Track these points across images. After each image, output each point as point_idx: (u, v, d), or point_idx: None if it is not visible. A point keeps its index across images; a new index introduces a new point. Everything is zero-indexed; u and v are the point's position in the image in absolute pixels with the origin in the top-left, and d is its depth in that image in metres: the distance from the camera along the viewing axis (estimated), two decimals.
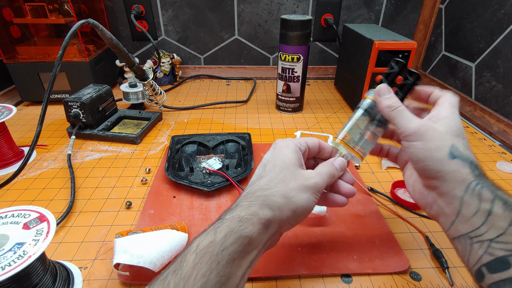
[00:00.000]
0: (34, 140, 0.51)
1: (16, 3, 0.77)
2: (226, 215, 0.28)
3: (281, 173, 0.31)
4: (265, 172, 0.31)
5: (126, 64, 0.65)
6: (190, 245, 0.26)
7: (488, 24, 0.77)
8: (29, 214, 0.34)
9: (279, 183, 0.30)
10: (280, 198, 0.29)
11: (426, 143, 0.30)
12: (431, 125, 0.31)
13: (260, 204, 0.28)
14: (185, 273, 0.24)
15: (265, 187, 0.30)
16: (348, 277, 0.38)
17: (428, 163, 0.30)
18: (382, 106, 0.35)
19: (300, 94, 0.79)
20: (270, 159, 0.32)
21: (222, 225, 0.27)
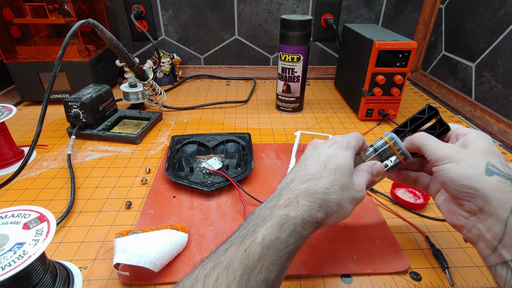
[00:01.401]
0: (34, 140, 0.51)
1: (16, 3, 0.77)
2: (290, 211, 0.28)
3: (341, 179, 0.31)
4: (325, 172, 0.32)
5: (126, 64, 0.65)
6: (255, 235, 0.27)
7: (488, 24, 0.77)
8: (29, 214, 0.34)
9: (338, 190, 0.31)
10: (336, 205, 0.31)
11: (458, 163, 0.29)
12: (462, 149, 0.31)
13: (318, 207, 0.30)
14: (252, 263, 0.25)
15: (326, 191, 0.30)
16: (348, 277, 0.38)
17: (463, 182, 0.28)
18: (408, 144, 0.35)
19: (300, 94, 0.79)
20: (330, 159, 0.33)
21: (287, 223, 0.28)
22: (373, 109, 0.75)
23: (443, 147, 0.31)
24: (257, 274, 0.25)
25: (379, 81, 0.70)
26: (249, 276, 0.24)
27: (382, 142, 0.37)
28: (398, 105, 0.75)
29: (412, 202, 0.49)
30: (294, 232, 0.27)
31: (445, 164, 0.30)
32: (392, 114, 0.74)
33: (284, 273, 0.27)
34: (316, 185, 0.30)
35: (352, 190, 0.32)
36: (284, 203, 0.29)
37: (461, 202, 0.30)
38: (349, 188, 0.32)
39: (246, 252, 0.25)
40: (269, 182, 0.54)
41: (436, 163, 0.31)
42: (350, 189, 0.32)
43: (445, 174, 0.30)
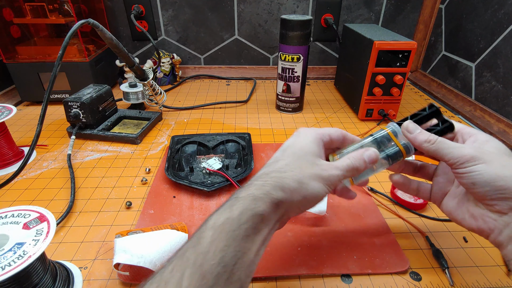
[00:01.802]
0: (34, 140, 0.51)
1: (16, 3, 0.77)
2: (240, 193, 0.28)
3: (299, 160, 0.31)
4: (283, 156, 0.32)
5: (126, 64, 0.65)
6: (206, 223, 0.27)
7: (488, 24, 0.77)
8: (29, 214, 0.34)
9: (295, 168, 0.30)
10: (294, 182, 0.29)
11: (490, 164, 0.29)
12: (482, 147, 0.30)
13: (273, 184, 0.29)
14: (204, 248, 0.24)
15: (280, 169, 0.30)
16: (348, 277, 0.38)
17: (499, 183, 0.28)
18: (418, 141, 0.33)
19: (300, 94, 0.79)
20: (290, 144, 0.33)
21: (237, 203, 0.27)
22: (373, 109, 0.75)
23: (466, 148, 0.30)
24: (212, 258, 0.24)
25: (379, 81, 0.70)
26: (202, 261, 0.24)
27: (383, 131, 0.36)
28: (398, 105, 0.75)
29: (412, 202, 0.49)
30: (246, 209, 0.27)
31: (475, 165, 0.29)
32: (392, 114, 0.74)
33: (247, 254, 0.26)
34: (273, 167, 0.31)
35: (315, 168, 0.31)
36: (238, 190, 0.29)
37: (492, 203, 0.29)
38: (310, 167, 0.31)
39: (198, 239, 0.25)
40: None
41: (463, 165, 0.30)
42: (312, 168, 0.31)
43: (477, 175, 0.29)
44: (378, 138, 0.35)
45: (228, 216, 0.26)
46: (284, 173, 0.30)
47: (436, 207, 0.49)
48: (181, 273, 0.23)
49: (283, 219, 0.31)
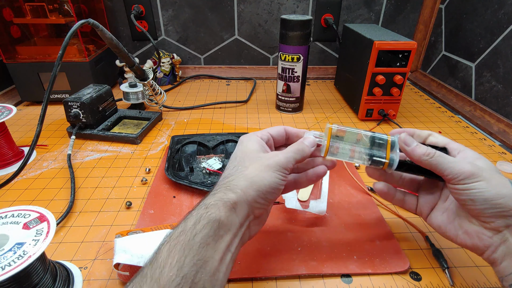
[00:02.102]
0: (34, 140, 0.51)
1: (16, 3, 0.77)
2: (194, 209, 0.29)
3: (242, 161, 0.32)
4: (229, 165, 0.33)
5: (126, 64, 0.65)
6: (163, 240, 0.27)
7: (488, 24, 0.77)
8: (29, 214, 0.34)
9: (241, 169, 0.31)
10: (243, 181, 0.30)
11: (489, 182, 0.29)
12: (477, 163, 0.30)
13: (224, 190, 0.29)
14: (160, 262, 0.24)
15: (228, 175, 0.31)
16: (348, 277, 0.38)
17: (498, 201, 0.28)
18: (417, 154, 0.32)
19: (300, 94, 0.79)
20: (234, 154, 0.34)
21: (190, 216, 0.28)
22: (373, 109, 0.75)
23: (465, 164, 0.30)
24: (169, 270, 0.24)
25: (379, 81, 0.70)
26: (159, 275, 0.24)
27: (384, 135, 0.36)
28: (398, 105, 0.75)
29: None
30: (199, 218, 0.27)
31: (475, 182, 0.29)
32: (392, 114, 0.74)
33: (208, 263, 0.25)
34: (221, 177, 0.32)
35: (260, 161, 0.31)
36: (194, 208, 0.29)
37: (489, 220, 0.30)
38: (255, 162, 0.31)
39: (155, 256, 0.25)
40: None
41: (463, 181, 0.30)
42: (257, 162, 0.31)
43: (477, 193, 0.29)
44: (376, 138, 0.35)
45: (182, 228, 0.26)
46: (232, 176, 0.31)
47: None
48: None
49: (250, 221, 0.30)
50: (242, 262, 0.39)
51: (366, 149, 0.35)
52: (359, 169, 0.59)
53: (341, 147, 0.36)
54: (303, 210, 0.46)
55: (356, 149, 0.36)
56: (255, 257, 0.40)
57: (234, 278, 0.37)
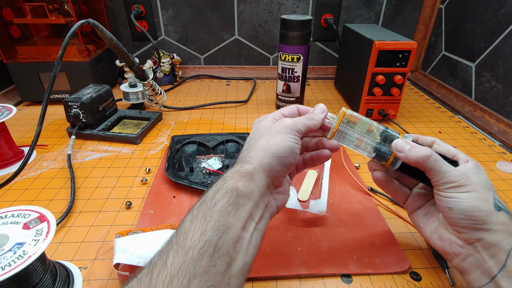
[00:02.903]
0: (34, 140, 0.51)
1: (16, 3, 0.77)
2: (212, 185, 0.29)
3: (255, 137, 0.33)
4: (244, 146, 0.33)
5: (126, 64, 0.65)
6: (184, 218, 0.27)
7: (488, 24, 0.77)
8: (29, 214, 0.34)
9: (253, 143, 0.32)
10: (256, 151, 0.31)
11: (472, 194, 0.30)
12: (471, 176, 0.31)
13: (240, 163, 0.30)
14: (184, 230, 0.25)
15: (242, 153, 0.32)
16: (348, 277, 0.38)
17: (475, 214, 0.29)
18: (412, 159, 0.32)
19: (300, 94, 0.79)
20: (248, 137, 0.35)
21: (210, 189, 0.28)
22: (373, 109, 0.75)
23: (454, 175, 0.31)
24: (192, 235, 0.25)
25: (379, 81, 0.70)
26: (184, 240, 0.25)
27: (396, 133, 0.36)
28: (398, 105, 0.75)
29: None
30: (217, 190, 0.28)
31: (458, 193, 0.30)
32: (392, 114, 0.74)
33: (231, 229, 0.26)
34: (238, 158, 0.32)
35: (271, 131, 0.32)
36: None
37: (462, 231, 0.30)
38: (267, 133, 0.32)
39: (179, 228, 0.26)
40: None
41: (446, 190, 0.31)
42: (269, 133, 0.32)
43: (457, 202, 0.30)
44: (387, 133, 0.36)
45: (203, 200, 0.28)
46: (246, 151, 0.32)
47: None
48: (166, 255, 0.24)
49: (271, 191, 0.31)
50: None
51: (374, 141, 0.36)
52: (359, 169, 0.59)
53: (350, 133, 0.36)
54: (303, 210, 0.46)
55: (364, 139, 0.36)
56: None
57: None
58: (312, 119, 0.34)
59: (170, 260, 0.23)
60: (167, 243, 0.25)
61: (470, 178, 0.31)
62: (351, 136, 0.36)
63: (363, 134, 0.36)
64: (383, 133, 0.36)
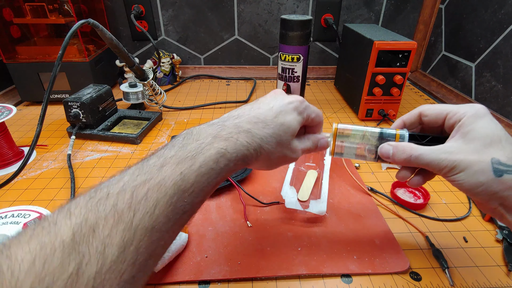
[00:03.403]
0: (34, 140, 0.51)
1: (16, 3, 0.77)
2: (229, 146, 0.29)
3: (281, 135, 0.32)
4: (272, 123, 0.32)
5: (126, 64, 0.65)
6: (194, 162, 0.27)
7: (488, 24, 0.77)
8: (29, 214, 0.34)
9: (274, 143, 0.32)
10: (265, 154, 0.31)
11: (467, 171, 0.29)
12: (461, 146, 0.29)
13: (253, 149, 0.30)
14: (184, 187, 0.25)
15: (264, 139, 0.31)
16: (348, 277, 0.38)
17: (478, 190, 0.29)
18: (399, 162, 0.33)
19: (300, 94, 0.79)
20: (282, 113, 0.33)
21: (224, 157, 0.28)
22: (373, 109, 0.75)
23: (444, 158, 0.30)
24: (187, 197, 0.25)
25: (379, 81, 0.70)
26: (179, 197, 0.25)
27: (393, 131, 0.36)
28: (398, 105, 0.75)
29: (412, 202, 0.49)
30: (227, 166, 0.28)
31: (455, 174, 0.29)
32: (392, 114, 0.74)
33: (207, 197, 0.28)
34: (259, 130, 0.31)
35: (286, 148, 0.33)
36: (225, 135, 0.29)
37: (482, 202, 0.31)
38: (284, 146, 0.33)
39: (182, 175, 0.25)
40: (269, 182, 0.54)
41: (447, 175, 0.30)
42: (284, 147, 0.33)
43: (459, 184, 0.30)
44: (384, 134, 0.35)
45: (213, 167, 0.27)
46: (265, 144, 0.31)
47: (436, 207, 0.50)
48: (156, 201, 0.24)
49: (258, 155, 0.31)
50: (242, 262, 0.39)
51: (373, 146, 0.36)
52: (359, 169, 0.59)
53: (347, 146, 0.36)
54: (303, 210, 0.46)
55: (363, 147, 0.36)
56: (255, 257, 0.40)
57: (234, 278, 0.37)
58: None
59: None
60: None
61: (462, 150, 0.29)
62: (350, 148, 0.37)
63: (361, 142, 0.36)
64: (380, 135, 0.36)
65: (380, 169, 0.59)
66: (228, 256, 0.40)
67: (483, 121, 0.30)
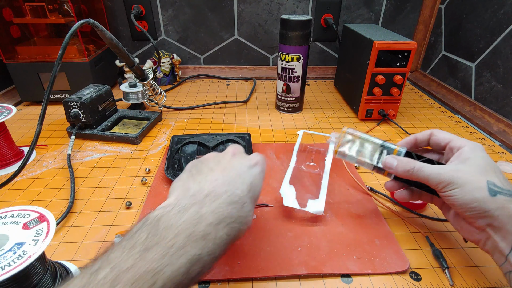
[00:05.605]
0: (34, 140, 0.51)
1: (16, 3, 0.77)
2: (204, 247, 0.25)
3: (252, 210, 0.32)
4: (248, 199, 0.31)
5: (126, 64, 0.65)
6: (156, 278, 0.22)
7: (488, 24, 0.77)
8: (29, 214, 0.34)
9: (249, 220, 0.31)
10: (240, 233, 0.30)
11: (463, 188, 0.31)
12: (460, 168, 0.33)
13: (234, 236, 0.29)
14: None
15: (243, 220, 0.29)
16: (348, 277, 0.38)
17: (472, 205, 0.31)
18: (400, 173, 0.37)
19: (300, 94, 0.79)
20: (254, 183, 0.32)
21: (198, 263, 0.24)
22: (373, 109, 0.75)
23: (443, 174, 0.33)
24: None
25: (379, 81, 0.70)
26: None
27: (393, 145, 0.40)
28: (398, 105, 0.75)
29: (412, 202, 0.49)
30: (202, 272, 0.25)
31: (452, 190, 0.32)
32: (392, 114, 0.74)
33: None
34: (239, 212, 0.29)
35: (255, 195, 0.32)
36: (203, 231, 0.25)
37: (471, 220, 0.33)
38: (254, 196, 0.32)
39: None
40: (269, 182, 0.54)
41: (442, 190, 0.33)
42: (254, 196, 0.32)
43: (454, 199, 0.32)
44: (384, 147, 0.41)
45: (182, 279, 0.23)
46: (244, 224, 0.30)
47: (436, 207, 0.50)
48: None
49: None
50: (242, 262, 0.39)
51: (372, 156, 0.40)
52: (359, 169, 0.59)
53: (351, 151, 0.42)
54: (301, 209, 0.46)
55: (364, 154, 0.41)
56: (255, 257, 0.40)
57: (234, 278, 0.37)
58: None
59: None
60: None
61: (460, 171, 0.32)
62: (352, 152, 0.42)
63: (364, 150, 0.41)
64: (381, 149, 0.40)
65: None
66: (228, 256, 0.40)
67: (481, 154, 0.34)
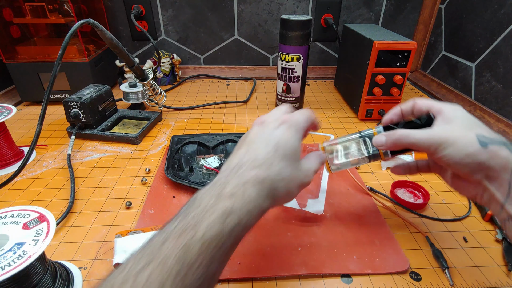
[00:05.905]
0: (34, 140, 0.51)
1: (16, 3, 0.77)
2: (236, 202, 0.26)
3: (290, 166, 0.30)
4: (276, 159, 0.30)
5: (126, 64, 0.65)
6: (196, 230, 0.24)
7: (488, 24, 0.77)
8: (29, 214, 0.34)
9: (287, 177, 0.30)
10: (284, 192, 0.30)
11: (454, 146, 0.31)
12: (447, 128, 0.32)
13: (266, 195, 0.28)
14: (189, 260, 0.23)
15: (275, 178, 0.29)
16: (348, 277, 0.38)
17: (466, 161, 0.31)
18: (391, 145, 0.36)
19: (300, 94, 0.79)
20: (281, 142, 0.31)
21: (231, 216, 0.26)
22: (373, 109, 0.75)
23: (432, 136, 0.33)
24: (196, 270, 0.23)
25: (379, 81, 0.70)
26: (186, 272, 0.23)
27: (370, 130, 0.39)
28: None
29: (412, 202, 0.49)
30: (239, 224, 0.26)
31: (444, 150, 0.32)
32: None
33: (225, 263, 0.26)
34: (266, 173, 0.29)
35: (300, 175, 0.31)
36: (230, 191, 0.27)
37: (468, 176, 0.33)
38: (297, 175, 0.31)
39: (185, 248, 0.23)
40: None
41: (435, 152, 0.33)
42: (298, 175, 0.31)
43: (448, 159, 0.32)
44: (363, 136, 0.39)
45: (220, 229, 0.25)
46: (278, 183, 0.29)
47: (436, 207, 0.50)
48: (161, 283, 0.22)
49: None
50: (242, 262, 0.39)
51: (360, 150, 0.39)
52: (359, 169, 0.59)
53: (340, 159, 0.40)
54: (301, 209, 0.46)
55: (353, 153, 0.40)
56: (255, 257, 0.40)
57: (234, 278, 0.37)
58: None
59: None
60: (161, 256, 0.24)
61: (448, 130, 0.32)
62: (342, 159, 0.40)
63: (349, 151, 0.40)
64: (362, 140, 0.39)
65: (380, 169, 0.59)
66: None
67: (462, 112, 0.34)
